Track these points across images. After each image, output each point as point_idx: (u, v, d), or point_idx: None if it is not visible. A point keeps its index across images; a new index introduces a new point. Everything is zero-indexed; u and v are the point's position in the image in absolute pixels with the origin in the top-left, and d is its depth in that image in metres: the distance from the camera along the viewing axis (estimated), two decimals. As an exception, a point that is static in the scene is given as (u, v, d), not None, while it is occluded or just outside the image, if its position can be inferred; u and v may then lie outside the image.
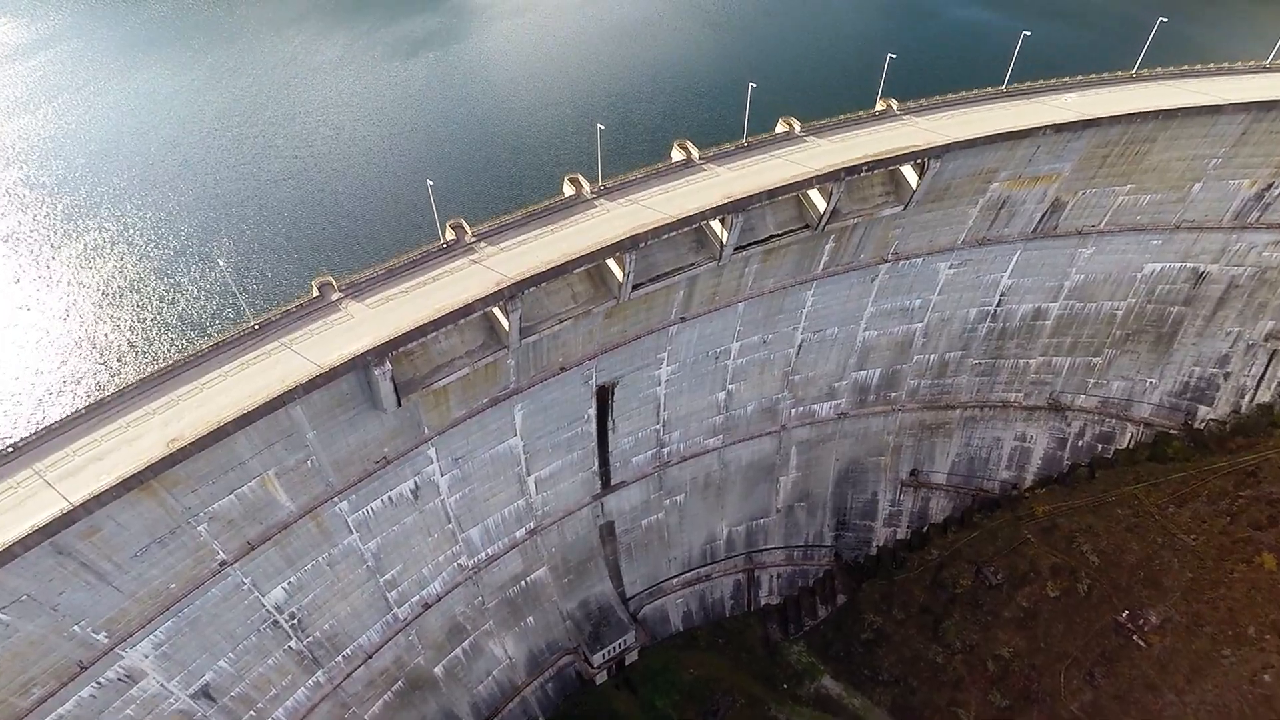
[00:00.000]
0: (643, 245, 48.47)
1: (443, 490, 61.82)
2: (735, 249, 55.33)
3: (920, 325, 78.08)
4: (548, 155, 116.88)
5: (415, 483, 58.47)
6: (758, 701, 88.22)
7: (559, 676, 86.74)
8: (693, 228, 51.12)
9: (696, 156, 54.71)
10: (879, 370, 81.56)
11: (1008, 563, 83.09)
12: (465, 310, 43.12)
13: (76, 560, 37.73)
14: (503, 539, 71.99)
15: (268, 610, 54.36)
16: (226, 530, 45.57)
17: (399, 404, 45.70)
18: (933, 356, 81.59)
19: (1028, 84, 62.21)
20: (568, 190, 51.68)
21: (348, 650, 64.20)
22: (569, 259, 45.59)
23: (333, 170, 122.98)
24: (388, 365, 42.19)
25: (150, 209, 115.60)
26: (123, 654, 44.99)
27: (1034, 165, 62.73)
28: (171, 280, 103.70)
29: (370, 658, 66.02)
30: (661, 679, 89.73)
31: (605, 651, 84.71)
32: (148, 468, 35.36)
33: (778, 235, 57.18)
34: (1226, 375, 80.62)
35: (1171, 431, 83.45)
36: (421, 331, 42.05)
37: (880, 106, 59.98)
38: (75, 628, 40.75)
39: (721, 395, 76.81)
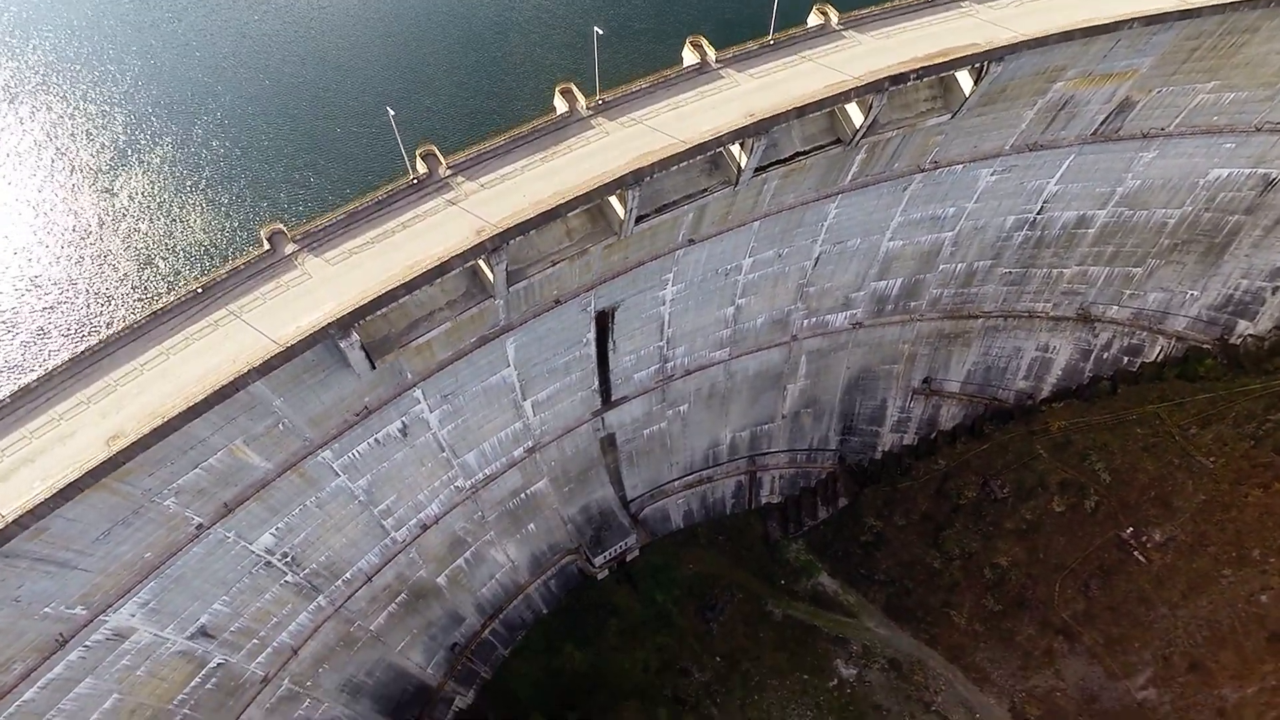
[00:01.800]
0: (648, 180, 41.29)
1: (433, 425, 58.39)
2: (755, 171, 47.84)
3: (950, 234, 71.21)
4: (534, 59, 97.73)
5: (403, 423, 54.87)
6: (755, 596, 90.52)
7: (561, 574, 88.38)
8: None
9: (713, 59, 45.71)
10: (900, 280, 75.65)
11: (1016, 477, 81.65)
12: (441, 269, 37.10)
13: (28, 558, 34.70)
14: (500, 459, 69.73)
15: (258, 555, 52.69)
16: (198, 499, 42.43)
17: (373, 367, 40.85)
18: (960, 266, 75.33)
19: (1117, -43, 51.22)
20: (560, 106, 43.45)
21: (347, 575, 63.74)
22: (562, 200, 38.79)
23: (287, 57, 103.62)
24: (354, 335, 36.88)
25: (66, 106, 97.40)
26: (107, 618, 43.41)
27: (1109, 61, 53.32)
28: (110, 202, 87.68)
29: (371, 579, 65.82)
30: (662, 574, 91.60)
31: (606, 553, 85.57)
32: (87, 474, 31.31)
33: (804, 152, 49.41)
34: (1276, 289, 74.68)
35: (1205, 346, 78.82)
36: (392, 296, 36.36)
37: (935, -11, 49.74)
38: (46, 609, 38.62)
39: (730, 310, 71.53)
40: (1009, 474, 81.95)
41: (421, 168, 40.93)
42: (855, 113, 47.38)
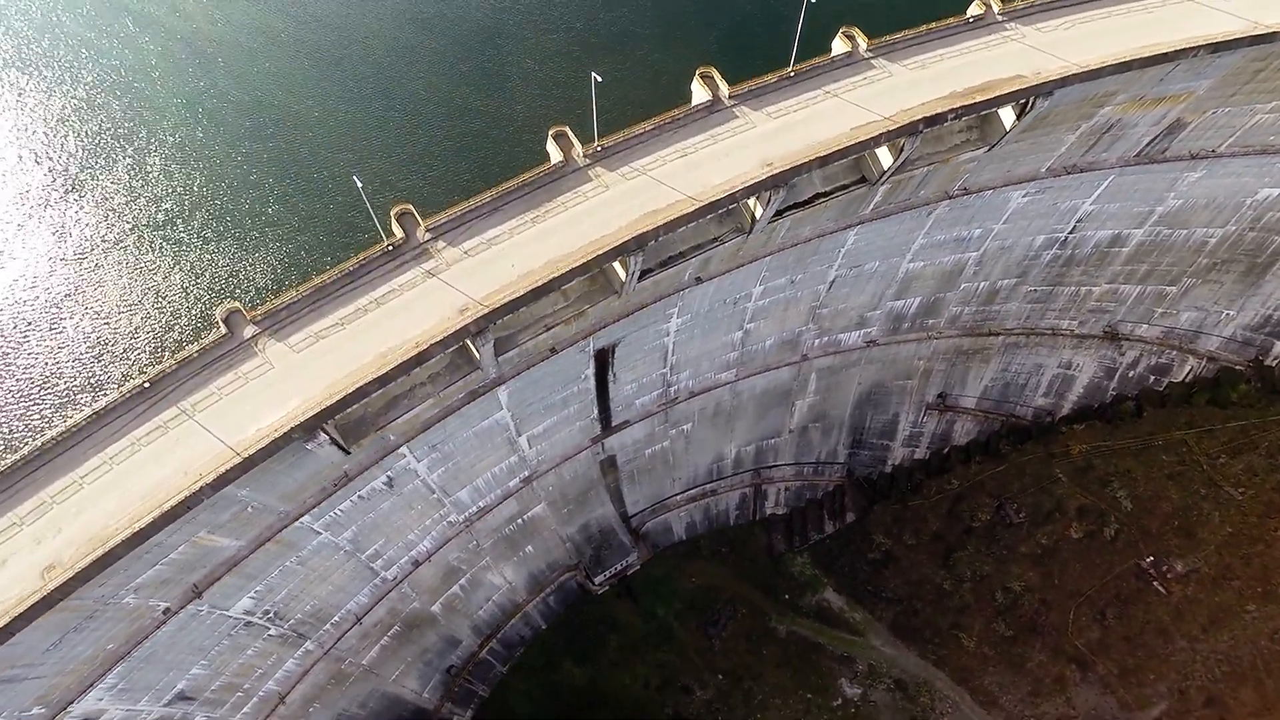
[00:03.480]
0: (652, 244, 36.72)
1: (422, 473, 54.82)
2: (771, 218, 43.15)
3: (975, 254, 66.48)
4: (525, 107, 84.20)
5: (388, 477, 51.27)
6: (758, 611, 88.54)
7: (560, 589, 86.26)
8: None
9: (726, 95, 40.52)
10: (919, 299, 71.15)
11: (1032, 500, 78.55)
12: (419, 358, 32.88)
13: (-33, 687, 31.45)
14: (495, 491, 66.44)
15: (236, 618, 49.67)
16: (162, 589, 39.03)
17: (347, 453, 36.96)
18: (983, 284, 70.76)
19: (1179, -31, 45.55)
20: (553, 154, 38.50)
21: (336, 618, 61.05)
22: (555, 274, 34.35)
23: (252, 92, 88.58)
24: (323, 435, 32.90)
25: (13, 123, 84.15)
26: (71, 710, 40.44)
27: (1164, 85, 48.01)
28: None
29: (361, 619, 63.23)
30: (663, 587, 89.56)
31: (607, 573, 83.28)
32: (18, 617, 27.73)
33: (826, 193, 44.59)
34: (1319, 311, 70.26)
35: (1238, 368, 74.75)
36: (363, 392, 32.25)
37: (975, 9, 44.16)
38: (-2, 720, 35.53)
39: (738, 334, 67.29)
40: (1025, 497, 78.79)
41: (397, 231, 36.28)
42: (884, 154, 42.46)
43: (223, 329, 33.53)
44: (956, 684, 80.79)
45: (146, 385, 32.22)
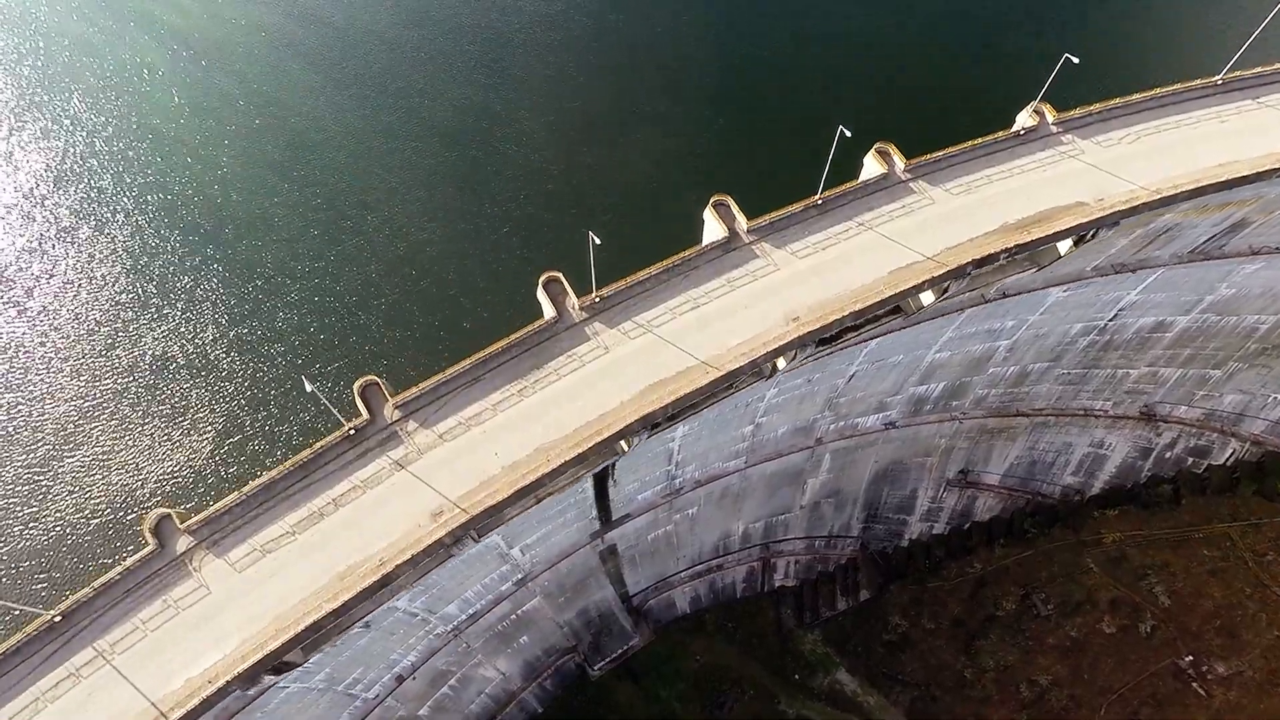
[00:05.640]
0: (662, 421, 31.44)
1: (402, 605, 49.55)
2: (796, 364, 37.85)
3: (1006, 342, 61.26)
4: (520, 211, 73.93)
5: (367, 621, 46.03)
6: (767, 693, 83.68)
7: (558, 673, 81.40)
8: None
9: (744, 229, 35.19)
10: (943, 384, 65.96)
11: (1061, 590, 73.58)
12: (384, 581, 27.65)
13: None
14: (486, 598, 61.36)
15: (195, 784, 44.56)
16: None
17: (303, 664, 31.80)
18: (1013, 369, 65.60)
19: (1256, 71, 40.06)
20: (545, 307, 33.17)
21: (311, 748, 55.98)
22: (546, 469, 29.14)
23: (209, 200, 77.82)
24: (267, 679, 27.73)
25: None
26: None
27: (1232, 193, 42.69)
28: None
29: (339, 745, 58.14)
30: (666, 666, 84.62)
31: (606, 660, 78.51)
32: None
33: (855, 328, 39.26)
34: (1375, 398, 65.11)
35: (1284, 452, 69.62)
36: (317, 627, 27.00)
37: (1028, 120, 38.68)
38: None
39: (749, 428, 62.04)
40: (1054, 587, 73.84)
41: (362, 411, 30.92)
42: (926, 294, 37.16)
43: (151, 542, 28.27)
44: (978, 778, 76.05)
45: (58, 619, 27.01)
